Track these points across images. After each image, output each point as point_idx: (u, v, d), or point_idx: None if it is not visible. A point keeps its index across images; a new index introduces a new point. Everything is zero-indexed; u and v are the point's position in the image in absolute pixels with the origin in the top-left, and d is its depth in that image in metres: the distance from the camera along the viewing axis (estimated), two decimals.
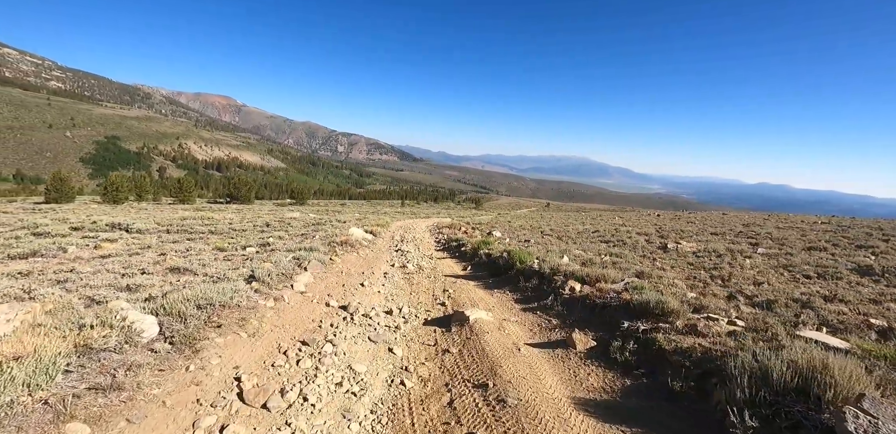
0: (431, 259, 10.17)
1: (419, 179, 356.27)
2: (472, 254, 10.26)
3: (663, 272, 6.78)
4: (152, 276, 6.00)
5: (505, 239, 13.03)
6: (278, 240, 12.52)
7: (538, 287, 6.15)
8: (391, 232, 17.26)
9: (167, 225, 16.28)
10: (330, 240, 10.80)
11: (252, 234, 14.62)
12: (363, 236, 12.45)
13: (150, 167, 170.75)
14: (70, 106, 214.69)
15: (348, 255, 9.14)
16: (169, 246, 10.26)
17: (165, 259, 7.64)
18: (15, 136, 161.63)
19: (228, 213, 27.78)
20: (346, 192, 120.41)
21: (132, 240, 12.16)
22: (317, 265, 6.74)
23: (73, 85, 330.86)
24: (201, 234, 14.70)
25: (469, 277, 7.75)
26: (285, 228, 16.82)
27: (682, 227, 20.50)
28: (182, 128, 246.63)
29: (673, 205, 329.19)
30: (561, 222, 24.82)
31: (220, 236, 14.23)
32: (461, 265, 9.38)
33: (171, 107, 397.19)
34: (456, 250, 11.70)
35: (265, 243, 9.97)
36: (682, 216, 34.00)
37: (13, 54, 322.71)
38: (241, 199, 50.04)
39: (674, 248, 10.96)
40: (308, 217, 23.45)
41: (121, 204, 39.16)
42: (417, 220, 29.08)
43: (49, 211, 24.81)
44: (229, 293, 4.20)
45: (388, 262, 9.21)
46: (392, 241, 13.57)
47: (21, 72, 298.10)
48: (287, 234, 14.60)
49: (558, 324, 4.61)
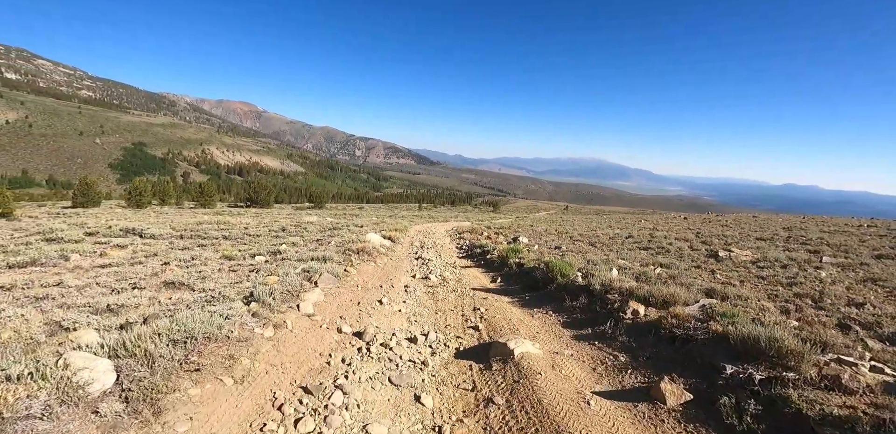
0: (455, 268, 9.25)
1: (436, 183, 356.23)
2: (500, 263, 9.30)
3: (735, 289, 5.69)
4: (143, 291, 5.27)
5: (534, 246, 12.01)
6: (291, 246, 11.81)
7: (588, 307, 5.15)
8: (410, 237, 16.43)
9: (182, 230, 15.83)
10: (345, 247, 10.02)
11: (266, 239, 13.98)
12: (381, 243, 11.63)
13: (174, 172, 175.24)
14: (99, 114, 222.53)
15: (365, 264, 8.30)
16: (176, 253, 9.64)
17: (165, 270, 6.95)
18: (48, 143, 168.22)
19: (246, 217, 27.50)
20: (363, 196, 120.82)
21: (142, 246, 11.63)
22: (329, 279, 5.90)
23: (103, 94, 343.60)
24: (214, 239, 14.17)
25: (500, 292, 6.79)
26: (301, 233, 16.19)
27: (720, 231, 19.04)
28: (205, 134, 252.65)
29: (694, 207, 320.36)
30: (587, 226, 23.57)
31: (232, 242, 13.65)
32: (489, 276, 8.43)
33: (194, 114, 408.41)
34: (481, 258, 10.76)
35: (276, 251, 9.24)
36: (710, 219, 32.16)
37: (47, 65, 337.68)
38: (261, 203, 50.26)
39: (726, 256, 9.76)
40: (325, 221, 22.88)
41: (144, 208, 39.64)
42: (436, 223, 28.23)
43: (73, 215, 24.94)
44: (217, 321, 3.38)
45: (408, 272, 8.33)
46: (411, 248, 12.72)
47: (54, 82, 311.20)
48: (302, 240, 13.92)
49: (628, 362, 3.61)
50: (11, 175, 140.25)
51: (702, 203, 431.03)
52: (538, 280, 6.61)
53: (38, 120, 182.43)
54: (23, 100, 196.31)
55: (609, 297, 5.08)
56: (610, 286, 5.33)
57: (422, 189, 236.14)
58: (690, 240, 14.41)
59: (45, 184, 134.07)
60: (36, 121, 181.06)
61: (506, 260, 9.14)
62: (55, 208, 38.24)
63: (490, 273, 8.80)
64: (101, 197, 44.89)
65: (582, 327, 4.64)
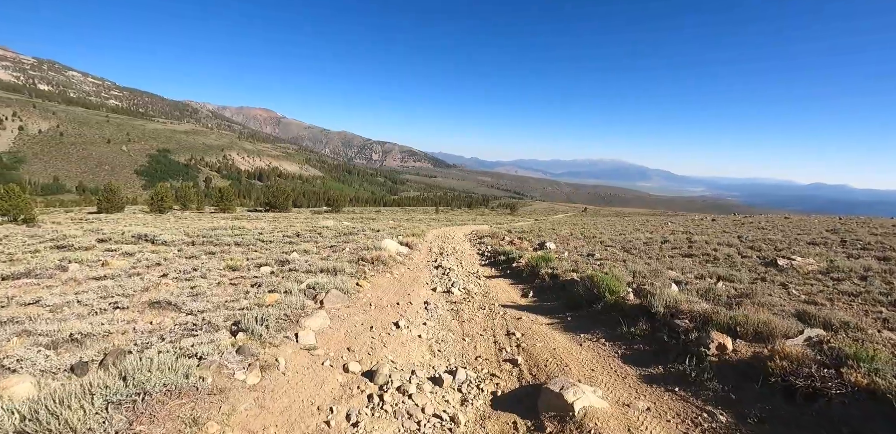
0: (479, 279, 8.35)
1: (452, 185, 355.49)
2: (529, 273, 8.34)
3: (830, 311, 4.62)
4: (125, 312, 4.57)
5: (563, 252, 11.00)
6: (303, 254, 11.12)
7: (652, 336, 4.17)
8: (428, 242, 15.59)
9: (195, 235, 15.38)
10: (359, 255, 9.24)
11: (278, 246, 13.35)
12: (397, 250, 10.82)
13: (197, 178, 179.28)
14: (126, 122, 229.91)
15: (380, 276, 7.48)
16: (180, 263, 9.02)
17: (160, 284, 6.27)
18: (78, 151, 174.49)
19: (263, 221, 27.19)
20: (380, 200, 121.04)
21: (149, 254, 11.11)
22: (337, 297, 5.08)
23: (129, 103, 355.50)
24: (226, 245, 13.63)
25: (535, 310, 5.86)
26: (315, 239, 15.55)
27: (760, 234, 17.58)
28: (226, 140, 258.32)
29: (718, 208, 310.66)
30: (613, 229, 22.30)
31: (244, 249, 13.08)
32: (518, 289, 7.49)
33: (216, 120, 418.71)
34: (506, 267, 9.83)
35: (285, 260, 8.51)
36: (741, 220, 30.28)
37: (77, 76, 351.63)
38: (279, 207, 50.54)
39: (787, 265, 8.57)
40: (341, 226, 22.28)
41: (165, 213, 40.15)
42: (453, 227, 27.34)
43: (94, 221, 25.03)
44: (185, 366, 2.58)
45: (427, 284, 7.47)
46: (430, 255, 11.87)
47: (84, 92, 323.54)
48: (315, 247, 13.23)
49: (733, 424, 2.64)
50: (44, 182, 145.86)
51: (725, 204, 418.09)
52: (580, 297, 5.65)
53: (68, 129, 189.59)
54: (55, 110, 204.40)
55: (678, 323, 4.09)
56: (676, 308, 4.35)
57: (438, 192, 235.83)
58: (735, 245, 13.14)
59: (74, 190, 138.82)
60: (67, 130, 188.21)
61: (536, 270, 8.19)
62: (81, 214, 38.97)
63: (519, 285, 7.86)
64: (125, 202, 45.75)
65: (650, 364, 3.68)
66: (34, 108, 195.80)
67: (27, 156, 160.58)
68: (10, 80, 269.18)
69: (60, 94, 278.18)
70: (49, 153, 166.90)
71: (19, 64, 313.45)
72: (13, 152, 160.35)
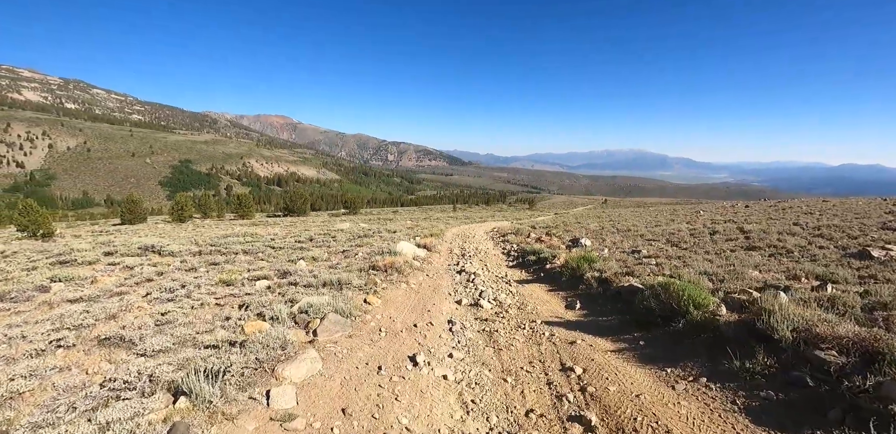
0: (510, 285, 7.11)
1: (469, 183, 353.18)
2: (569, 277, 7.04)
3: None
4: (69, 352, 3.57)
5: (602, 250, 9.63)
6: (311, 262, 10.10)
7: (785, 376, 2.87)
8: (447, 243, 14.41)
9: (204, 244, 14.61)
10: (372, 262, 8.13)
11: (286, 253, 12.39)
12: (414, 253, 9.67)
13: (218, 186, 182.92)
14: (149, 135, 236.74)
15: (394, 288, 6.33)
16: (174, 277, 8.09)
17: (133, 308, 5.29)
18: (104, 166, 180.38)
19: (279, 227, 26.54)
20: (397, 200, 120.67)
21: (149, 267, 10.26)
22: (336, 323, 3.94)
23: (151, 116, 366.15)
24: (233, 253, 12.78)
25: (590, 328, 4.59)
26: (328, 243, 14.58)
27: (814, 220, 15.68)
28: (245, 148, 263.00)
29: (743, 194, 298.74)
30: (644, 220, 20.62)
31: (251, 257, 12.17)
32: (559, 297, 6.22)
33: (234, 129, 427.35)
34: (538, 268, 8.55)
35: (287, 271, 7.46)
36: (780, 206, 27.91)
37: (101, 94, 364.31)
38: (297, 211, 50.37)
39: (886, 256, 7.03)
40: (357, 228, 21.35)
41: (185, 222, 40.35)
42: (473, 225, 26.07)
43: (115, 233, 24.80)
44: None
45: (450, 295, 6.29)
46: (451, 257, 10.67)
47: (108, 108, 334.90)
48: (326, 253, 12.22)
49: None
50: (74, 197, 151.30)
51: (751, 189, 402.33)
52: (648, 310, 4.35)
53: (95, 144, 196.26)
54: (81, 127, 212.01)
55: (823, 357, 2.78)
56: (809, 331, 3.02)
57: (455, 190, 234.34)
58: (798, 233, 11.47)
59: (103, 203, 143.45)
60: (93, 145, 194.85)
61: (577, 273, 6.88)
62: (105, 226, 39.36)
63: (559, 292, 6.57)
64: (147, 213, 46.24)
65: (802, 428, 2.39)
66: (62, 126, 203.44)
67: (57, 172, 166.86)
68: (39, 101, 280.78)
69: (87, 111, 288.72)
70: (78, 169, 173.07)
71: (47, 85, 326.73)
72: (44, 169, 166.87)
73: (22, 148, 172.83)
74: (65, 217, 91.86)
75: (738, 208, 28.53)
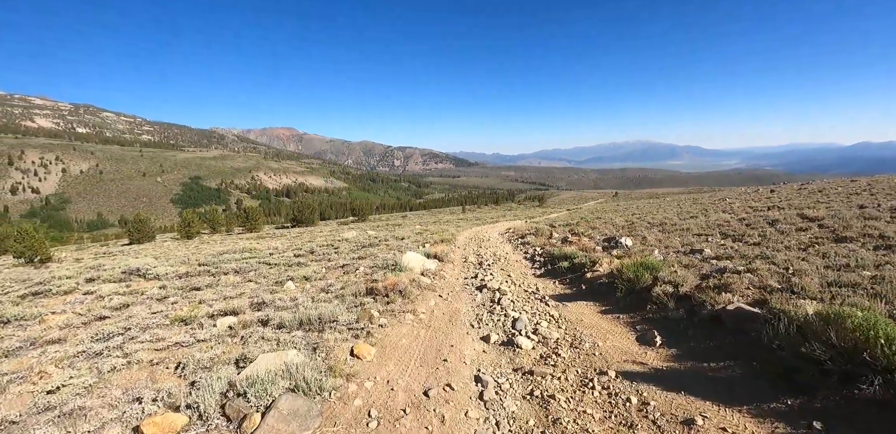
0: (547, 304, 5.69)
1: (476, 183, 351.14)
2: (627, 291, 5.52)
3: None
4: None
5: (651, 250, 8.10)
6: (302, 282, 8.80)
7: None
8: (460, 249, 13.00)
9: (196, 264, 13.42)
10: (371, 282, 6.76)
11: (278, 271, 11.14)
12: (423, 265, 8.28)
13: (228, 200, 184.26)
14: (158, 154, 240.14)
15: (396, 322, 4.93)
16: (132, 313, 6.83)
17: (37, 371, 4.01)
18: (117, 187, 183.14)
19: (284, 238, 25.42)
20: (406, 204, 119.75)
21: (119, 297, 9.09)
22: (291, 418, 2.53)
23: (160, 136, 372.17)
24: (223, 274, 11.61)
25: (700, 386, 3.13)
26: (329, 256, 13.30)
27: (876, 200, 13.88)
28: (253, 161, 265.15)
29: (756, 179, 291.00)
30: (668, 212, 18.93)
31: (240, 277, 10.97)
32: (621, 324, 4.72)
33: (242, 144, 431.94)
34: (575, 277, 7.09)
35: (262, 302, 6.10)
36: (809, 189, 25.80)
37: (111, 117, 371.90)
38: (305, 221, 49.65)
39: None
40: (364, 236, 20.07)
41: (193, 238, 39.78)
42: (485, 226, 24.59)
43: (119, 254, 23.88)
44: None
45: (472, 326, 4.88)
46: (466, 267, 9.25)
47: (118, 130, 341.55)
48: (324, 268, 10.91)
49: None
50: (89, 219, 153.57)
51: (763, 174, 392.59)
52: (798, 358, 2.86)
53: (106, 166, 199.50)
54: (93, 150, 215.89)
55: None
56: None
57: (463, 191, 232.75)
58: (877, 217, 9.79)
59: (117, 224, 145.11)
60: (105, 167, 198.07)
61: (638, 285, 5.38)
62: (115, 246, 38.80)
63: (618, 315, 5.05)
64: (157, 231, 45.74)
65: None
66: (74, 150, 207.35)
67: (72, 196, 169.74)
68: (51, 127, 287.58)
69: (97, 134, 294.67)
70: (91, 191, 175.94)
71: (58, 111, 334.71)
72: (59, 194, 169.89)
73: (36, 174, 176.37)
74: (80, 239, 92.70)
75: (764, 193, 26.58)
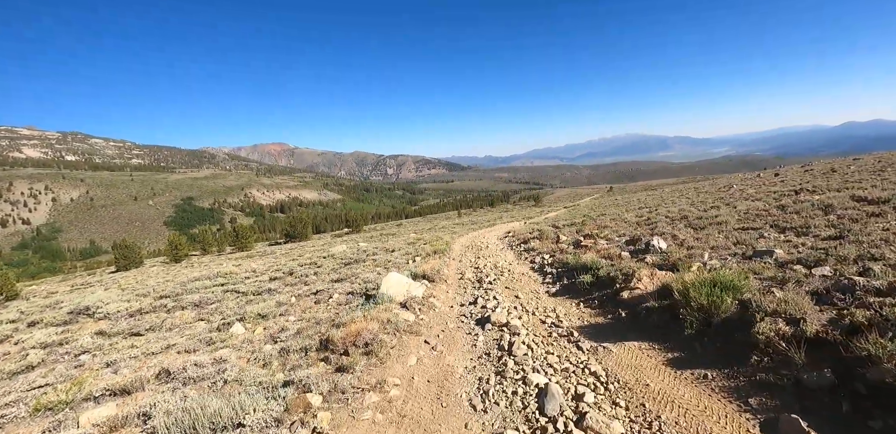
0: (580, 349, 4.11)
1: (471, 187, 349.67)
2: (699, 324, 3.89)
3: None
4: None
5: (701, 254, 6.54)
6: (254, 324, 7.25)
7: None
8: (456, 261, 11.44)
9: (158, 295, 11.87)
10: (329, 331, 5.23)
11: (238, 304, 9.58)
12: (407, 293, 6.71)
13: (222, 219, 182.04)
14: (149, 177, 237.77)
15: (347, 417, 3.25)
16: (14, 389, 5.26)
17: None
18: (108, 213, 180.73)
19: (269, 258, 23.81)
20: (401, 212, 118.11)
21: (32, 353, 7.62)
22: None
23: (150, 159, 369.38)
24: (182, 308, 10.10)
25: None
26: (305, 279, 11.76)
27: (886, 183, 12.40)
28: (245, 179, 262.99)
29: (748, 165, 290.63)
30: (686, 202, 17.44)
31: (194, 313, 9.48)
32: (710, 391, 3.09)
33: (233, 162, 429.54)
34: (604, 297, 5.55)
35: (169, 372, 4.50)
36: (820, 169, 24.40)
37: (100, 143, 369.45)
38: (298, 236, 48.14)
39: None
40: (354, 249, 18.51)
41: (181, 261, 38.24)
42: (482, 230, 23.04)
43: (96, 284, 22.16)
44: None
45: (472, 408, 3.26)
46: (462, 289, 7.68)
47: (108, 156, 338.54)
48: (294, 296, 9.36)
49: None
50: (82, 247, 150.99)
51: (754, 159, 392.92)
52: None
53: (97, 193, 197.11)
54: (82, 177, 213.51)
55: None
56: None
57: (457, 195, 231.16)
58: None
59: (110, 250, 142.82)
60: (96, 194, 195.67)
61: (714, 315, 3.71)
62: (100, 275, 36.92)
63: (702, 371, 3.27)
64: (147, 256, 44.00)
65: None
66: (63, 178, 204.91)
67: (63, 224, 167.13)
68: (39, 157, 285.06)
69: (87, 161, 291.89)
70: (83, 219, 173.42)
71: (46, 140, 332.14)
72: (50, 223, 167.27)
73: (26, 205, 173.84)
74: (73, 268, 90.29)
75: (768, 177, 25.21)
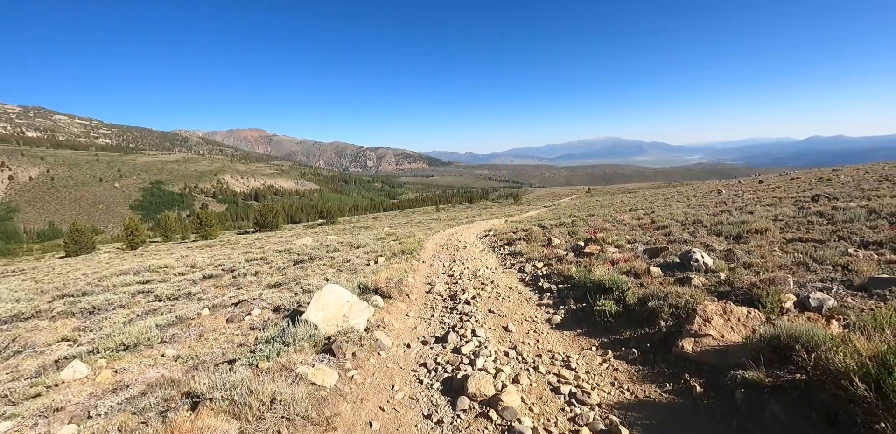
0: None
1: (450, 182, 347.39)
2: None
3: None
4: None
5: (784, 279, 5.00)
6: (113, 358, 5.36)
7: None
8: (427, 264, 9.70)
9: (58, 295, 9.75)
10: None
11: (128, 317, 7.56)
12: (342, 323, 4.94)
13: (193, 205, 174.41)
14: (116, 158, 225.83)
15: None
16: None
17: None
18: (70, 194, 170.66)
19: (227, 248, 21.56)
20: (379, 205, 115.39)
21: None
22: None
23: (119, 139, 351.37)
24: (68, 316, 8.04)
25: None
26: (239, 282, 9.78)
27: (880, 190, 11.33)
28: (219, 164, 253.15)
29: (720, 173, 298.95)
30: (687, 205, 16.17)
31: (79, 322, 7.50)
32: None
33: (207, 147, 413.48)
34: (648, 344, 3.87)
35: None
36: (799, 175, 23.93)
37: (64, 119, 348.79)
38: (269, 226, 45.61)
39: None
40: (324, 241, 16.55)
41: (137, 248, 35.22)
42: (459, 227, 21.29)
43: (28, 271, 19.48)
44: None
45: None
46: (430, 312, 5.91)
47: (72, 134, 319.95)
48: (207, 308, 7.41)
49: None
50: (39, 229, 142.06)
51: (725, 168, 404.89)
52: None
53: (58, 172, 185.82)
54: (43, 155, 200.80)
55: None
56: None
57: (437, 191, 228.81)
58: None
59: None
60: (57, 173, 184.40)
61: None
62: (43, 261, 33.51)
63: None
64: (94, 242, 40.60)
65: None
66: (22, 155, 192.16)
67: (20, 204, 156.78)
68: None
69: (49, 138, 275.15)
70: (42, 199, 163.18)
71: (5, 114, 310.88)
72: (6, 203, 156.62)
73: None
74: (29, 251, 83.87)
75: (751, 183, 24.55)
